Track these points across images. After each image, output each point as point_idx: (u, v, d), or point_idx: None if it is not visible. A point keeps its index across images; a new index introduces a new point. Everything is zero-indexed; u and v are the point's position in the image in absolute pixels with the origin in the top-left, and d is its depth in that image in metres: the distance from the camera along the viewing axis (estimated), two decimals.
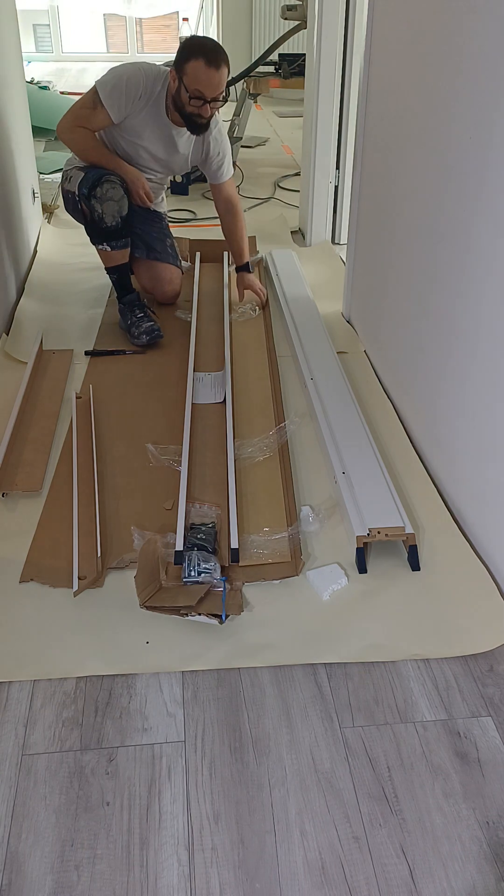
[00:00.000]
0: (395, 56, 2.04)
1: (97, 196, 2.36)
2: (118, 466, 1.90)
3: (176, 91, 2.34)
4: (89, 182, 2.37)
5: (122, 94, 2.35)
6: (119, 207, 2.41)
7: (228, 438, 1.96)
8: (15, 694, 1.32)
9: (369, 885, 1.05)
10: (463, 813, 1.15)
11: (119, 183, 2.40)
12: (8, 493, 1.79)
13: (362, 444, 1.91)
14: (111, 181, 2.38)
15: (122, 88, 2.35)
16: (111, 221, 2.41)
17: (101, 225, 2.42)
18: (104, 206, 2.38)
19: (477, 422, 1.61)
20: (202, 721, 1.28)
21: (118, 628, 1.44)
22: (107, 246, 2.49)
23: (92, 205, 2.38)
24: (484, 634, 1.44)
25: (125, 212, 2.43)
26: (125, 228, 2.48)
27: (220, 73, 2.30)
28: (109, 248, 2.50)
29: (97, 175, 2.37)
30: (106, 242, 2.48)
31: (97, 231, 2.46)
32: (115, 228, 2.44)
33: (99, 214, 2.39)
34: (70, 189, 2.52)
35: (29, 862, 1.08)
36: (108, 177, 2.38)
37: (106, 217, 2.40)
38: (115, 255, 2.52)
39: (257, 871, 1.07)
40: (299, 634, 1.44)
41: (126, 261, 2.57)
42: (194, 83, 2.28)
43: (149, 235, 2.68)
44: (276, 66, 4.67)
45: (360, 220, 2.53)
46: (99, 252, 2.54)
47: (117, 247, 2.50)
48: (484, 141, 1.49)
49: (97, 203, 2.37)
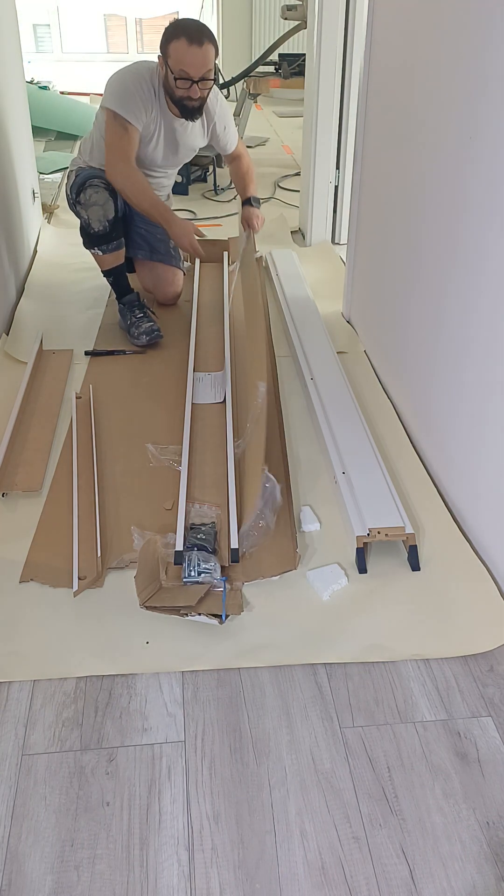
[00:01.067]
0: (395, 56, 2.04)
1: (81, 202, 2.36)
2: (118, 466, 1.90)
3: (164, 77, 2.28)
4: (76, 187, 2.36)
5: (134, 99, 2.29)
6: (104, 211, 2.39)
7: (228, 438, 1.96)
8: (15, 694, 1.32)
9: (369, 886, 1.05)
10: (463, 813, 1.15)
11: (104, 186, 2.37)
12: (8, 493, 1.79)
13: (362, 444, 1.91)
14: (94, 185, 2.36)
15: (132, 93, 2.29)
16: (98, 226, 2.40)
17: (89, 231, 2.42)
18: (89, 211, 2.37)
19: (477, 422, 1.61)
20: (202, 721, 1.28)
21: (118, 628, 1.44)
22: (98, 250, 2.49)
23: (78, 211, 2.38)
24: (484, 634, 1.44)
25: (111, 215, 2.41)
26: (114, 231, 2.45)
27: (205, 51, 2.20)
28: (101, 253, 2.49)
29: (81, 180, 2.36)
30: (97, 247, 2.48)
31: (87, 236, 2.46)
32: (103, 233, 2.42)
33: (86, 220, 2.39)
34: (68, 192, 2.53)
35: (29, 862, 1.08)
36: (91, 181, 2.36)
37: (93, 222, 2.39)
38: (107, 258, 2.52)
39: (257, 871, 1.07)
40: (299, 634, 1.44)
41: (121, 262, 2.56)
42: (178, 64, 2.20)
43: (152, 236, 2.67)
44: (276, 66, 4.67)
45: (360, 220, 2.53)
46: (93, 256, 2.54)
47: (108, 250, 2.49)
48: (484, 141, 1.49)
49: (82, 209, 2.37)
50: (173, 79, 2.24)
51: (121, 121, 2.30)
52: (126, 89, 2.30)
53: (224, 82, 5.03)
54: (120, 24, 10.31)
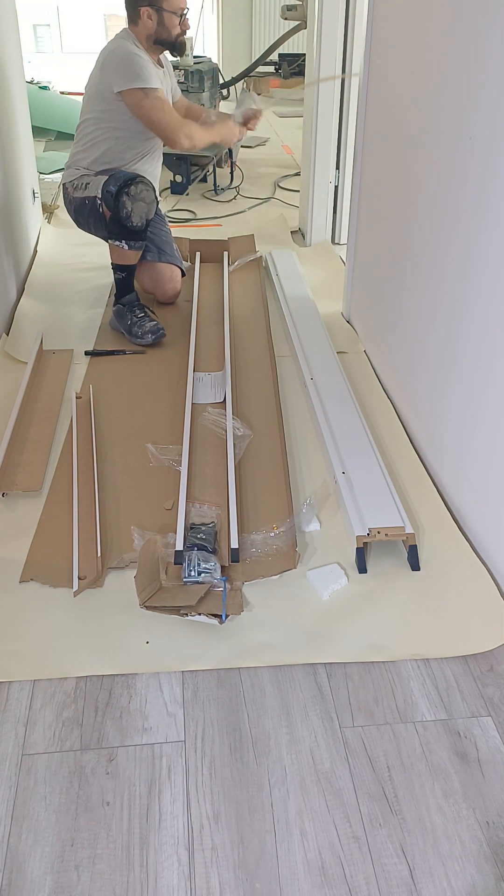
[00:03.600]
0: (395, 56, 2.04)
1: (129, 194, 2.37)
2: (118, 466, 1.90)
3: (158, 24, 2.42)
4: (119, 181, 2.38)
5: (144, 65, 2.39)
6: (148, 210, 2.43)
7: (228, 438, 1.96)
8: (15, 694, 1.32)
9: (369, 885, 1.05)
10: (463, 813, 1.15)
11: (152, 187, 2.45)
12: (8, 493, 1.80)
13: (362, 444, 1.91)
14: (145, 182, 2.42)
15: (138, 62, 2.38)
16: (138, 221, 2.43)
17: (126, 223, 2.42)
18: (135, 205, 2.40)
19: (477, 422, 1.61)
20: (202, 721, 1.28)
21: (118, 628, 1.44)
22: (125, 244, 2.49)
23: (122, 202, 2.37)
24: (484, 634, 1.44)
25: (152, 216, 2.47)
26: (146, 231, 2.51)
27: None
28: (127, 247, 2.50)
29: (129, 175, 2.41)
30: (127, 241, 2.49)
31: (120, 228, 2.45)
32: (139, 229, 2.46)
33: (128, 212, 2.40)
34: (87, 195, 2.52)
35: (29, 862, 1.08)
36: (143, 178, 2.42)
37: (134, 217, 2.41)
38: (129, 254, 2.53)
39: (257, 871, 1.07)
40: (299, 634, 1.44)
41: (136, 262, 2.59)
42: (178, 2, 2.40)
43: (159, 238, 2.71)
44: (276, 66, 4.68)
45: (360, 220, 2.53)
46: (113, 248, 2.53)
47: (135, 247, 2.52)
48: (484, 141, 1.49)
49: (129, 200, 2.38)
50: (176, 18, 2.42)
51: (150, 93, 2.40)
52: (128, 61, 2.39)
53: (224, 82, 5.03)
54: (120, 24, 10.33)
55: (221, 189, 4.37)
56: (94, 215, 2.54)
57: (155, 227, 2.67)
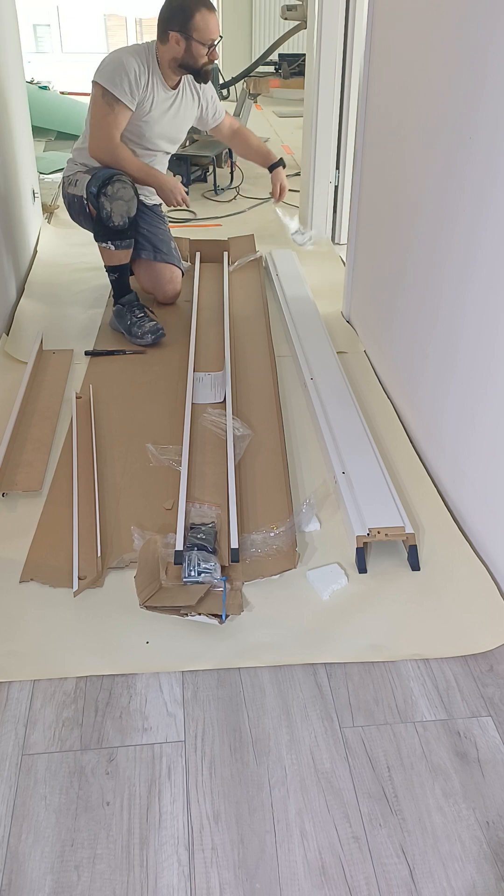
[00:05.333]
0: (395, 56, 2.04)
1: (107, 194, 2.36)
2: (118, 466, 1.90)
3: (185, 52, 2.37)
4: (99, 181, 2.37)
5: (125, 77, 2.34)
6: (128, 208, 2.41)
7: (228, 438, 1.96)
8: (15, 694, 1.32)
9: (369, 885, 1.05)
10: (463, 813, 1.15)
11: (129, 184, 2.40)
12: (8, 493, 1.80)
13: (362, 444, 1.91)
14: (122, 181, 2.38)
15: (123, 70, 2.34)
16: (119, 221, 2.41)
17: (107, 224, 2.42)
18: (113, 204, 2.38)
19: (477, 422, 1.61)
20: (202, 721, 1.28)
21: (118, 628, 1.44)
22: (111, 245, 2.49)
23: (101, 203, 2.37)
24: (484, 634, 1.44)
25: (133, 213, 2.44)
26: (131, 229, 2.48)
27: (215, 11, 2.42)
28: (113, 248, 2.50)
29: (108, 174, 2.38)
30: (112, 241, 2.48)
31: (105, 230, 2.45)
32: (121, 228, 2.44)
33: (107, 213, 2.39)
34: (76, 193, 2.52)
35: (29, 862, 1.08)
36: (119, 176, 2.38)
37: (114, 216, 2.40)
38: (118, 254, 2.52)
39: (257, 871, 1.07)
40: (299, 634, 1.44)
41: (128, 261, 2.58)
42: (208, 34, 2.35)
43: (155, 237, 2.69)
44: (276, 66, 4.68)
45: (360, 220, 2.53)
46: (102, 250, 2.54)
47: (121, 246, 2.50)
48: (484, 141, 1.49)
49: (106, 201, 2.37)
50: (205, 49, 2.37)
51: (109, 98, 2.36)
52: (115, 66, 2.36)
53: (224, 82, 5.03)
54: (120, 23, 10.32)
55: (221, 189, 4.37)
56: (82, 213, 2.55)
57: (153, 225, 2.66)
